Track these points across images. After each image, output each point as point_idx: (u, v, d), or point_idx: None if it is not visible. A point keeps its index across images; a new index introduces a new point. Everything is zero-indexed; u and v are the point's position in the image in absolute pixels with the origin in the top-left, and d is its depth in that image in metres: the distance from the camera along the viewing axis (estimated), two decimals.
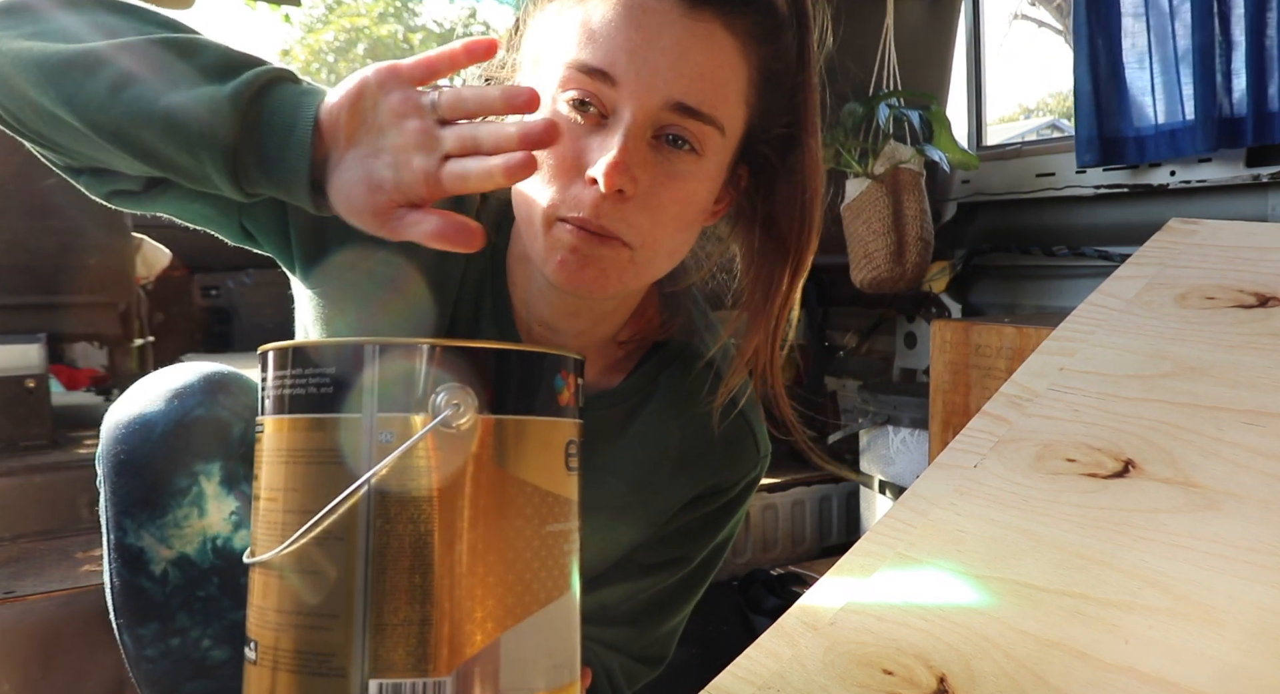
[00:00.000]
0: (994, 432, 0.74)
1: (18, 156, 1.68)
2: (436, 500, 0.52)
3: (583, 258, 0.67)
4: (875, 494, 2.05)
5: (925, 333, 2.37)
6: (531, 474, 0.55)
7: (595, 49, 0.65)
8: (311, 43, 15.07)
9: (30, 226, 1.77)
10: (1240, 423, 0.65)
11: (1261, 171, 1.76)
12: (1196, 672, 0.51)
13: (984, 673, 0.56)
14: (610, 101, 0.65)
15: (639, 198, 0.66)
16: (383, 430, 0.52)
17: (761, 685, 0.61)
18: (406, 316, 0.76)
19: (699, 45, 0.65)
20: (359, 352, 0.52)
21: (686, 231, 0.71)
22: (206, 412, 0.71)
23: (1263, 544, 0.56)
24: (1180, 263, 0.83)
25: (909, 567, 0.66)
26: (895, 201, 2.03)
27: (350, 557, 0.51)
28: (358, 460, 0.52)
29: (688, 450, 0.84)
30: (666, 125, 0.66)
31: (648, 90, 0.64)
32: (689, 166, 0.67)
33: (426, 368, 0.52)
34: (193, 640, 0.71)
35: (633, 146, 0.64)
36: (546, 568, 0.55)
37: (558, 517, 0.56)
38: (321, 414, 0.53)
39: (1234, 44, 1.74)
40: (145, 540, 0.69)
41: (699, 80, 0.65)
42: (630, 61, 0.64)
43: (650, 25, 0.64)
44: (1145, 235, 0.89)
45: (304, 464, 0.53)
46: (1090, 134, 1.94)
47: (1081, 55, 1.95)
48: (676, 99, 0.64)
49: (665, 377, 0.84)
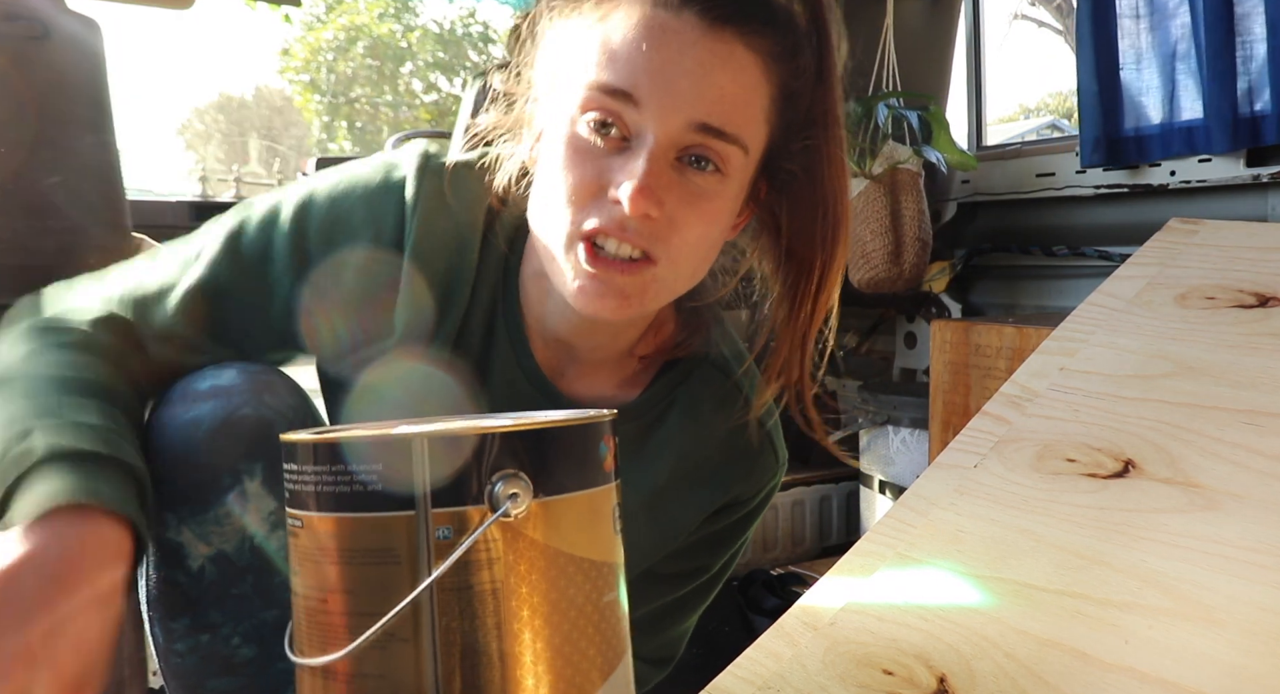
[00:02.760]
0: (994, 432, 0.74)
1: (18, 156, 1.68)
2: (500, 592, 0.51)
3: (603, 284, 0.67)
4: (875, 494, 2.05)
5: (925, 333, 2.37)
6: (585, 549, 0.54)
7: (617, 70, 0.64)
8: (311, 42, 15.08)
9: (30, 226, 1.77)
10: (1240, 423, 0.65)
11: (1261, 171, 1.76)
12: (1196, 672, 0.51)
13: (984, 673, 0.56)
14: (633, 123, 0.65)
15: (664, 219, 0.66)
16: (439, 527, 0.50)
17: (761, 685, 0.61)
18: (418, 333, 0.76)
19: (720, 65, 0.65)
20: (406, 445, 0.50)
21: (710, 249, 0.72)
22: (253, 410, 0.70)
23: (1263, 544, 0.56)
24: (1180, 263, 0.83)
25: (909, 567, 0.66)
26: (893, 202, 2.04)
27: (418, 658, 0.50)
28: (416, 559, 0.50)
29: (706, 464, 0.84)
30: (690, 146, 0.66)
31: (671, 112, 0.64)
32: (713, 187, 0.67)
33: (480, 457, 0.50)
34: (222, 637, 0.71)
35: (657, 169, 0.64)
36: (606, 638, 0.55)
37: (612, 584, 0.56)
38: (372, 513, 0.50)
39: (1249, 43, 1.74)
40: (185, 536, 0.69)
41: (721, 100, 0.65)
42: (653, 83, 0.64)
43: (672, 46, 0.64)
44: (1145, 235, 0.89)
45: (357, 565, 0.51)
46: (1095, 134, 1.94)
47: (1085, 56, 1.95)
48: (700, 120, 0.64)
49: (683, 390, 0.83)
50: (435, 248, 0.75)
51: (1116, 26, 1.93)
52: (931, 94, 2.30)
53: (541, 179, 0.70)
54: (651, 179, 0.64)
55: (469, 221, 0.76)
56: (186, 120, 21.07)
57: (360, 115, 16.47)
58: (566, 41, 0.69)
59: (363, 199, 0.76)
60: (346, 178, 0.77)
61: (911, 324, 2.44)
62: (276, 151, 19.12)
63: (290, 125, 19.86)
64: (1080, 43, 1.96)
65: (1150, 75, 1.92)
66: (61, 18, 1.77)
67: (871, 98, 2.10)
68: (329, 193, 0.76)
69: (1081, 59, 1.96)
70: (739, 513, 0.88)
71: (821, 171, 0.73)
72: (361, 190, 0.76)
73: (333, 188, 0.77)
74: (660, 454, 0.83)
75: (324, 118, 16.23)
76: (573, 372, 0.81)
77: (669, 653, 0.95)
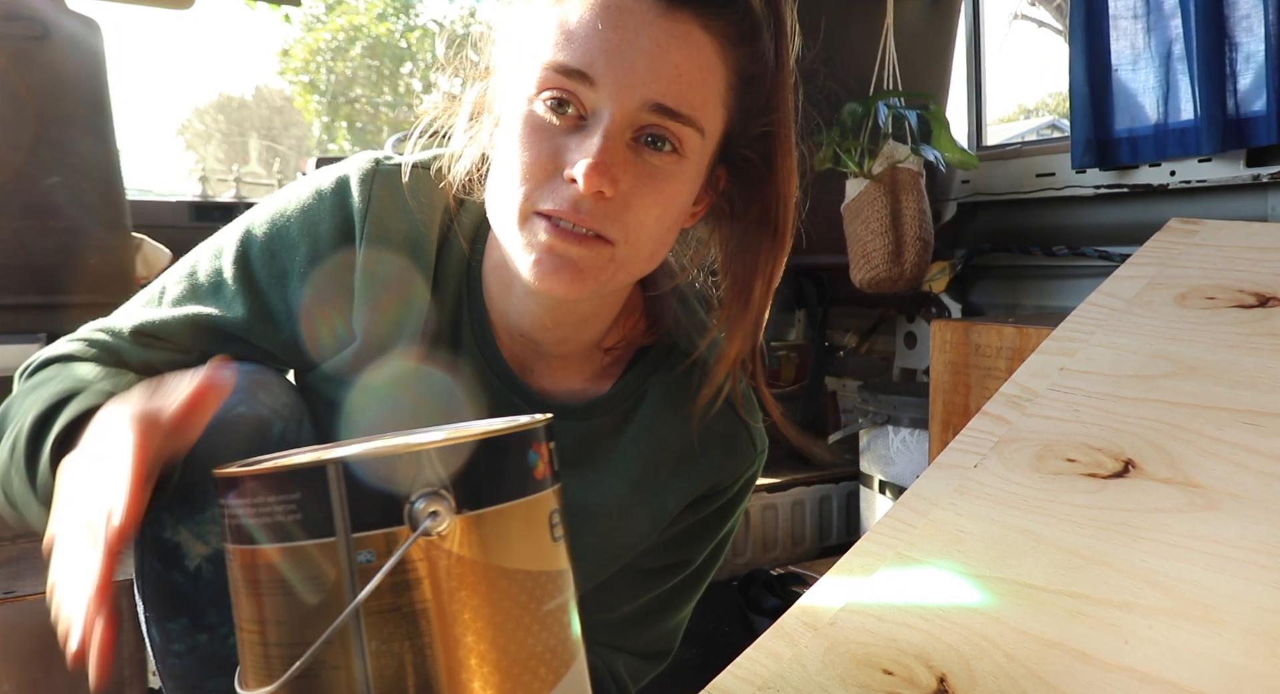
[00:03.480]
0: (994, 432, 0.74)
1: (18, 156, 1.68)
2: (430, 611, 0.50)
3: (558, 258, 0.67)
4: (875, 494, 2.05)
5: (925, 333, 2.37)
6: (520, 560, 0.53)
7: (573, 50, 0.65)
8: (311, 42, 15.08)
9: (30, 226, 1.77)
10: (1240, 423, 0.65)
11: (1261, 171, 1.76)
12: (1196, 672, 0.51)
13: (984, 673, 0.56)
14: (589, 102, 0.65)
15: (619, 198, 0.66)
16: (361, 551, 0.50)
17: (761, 685, 0.61)
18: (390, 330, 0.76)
19: (677, 46, 0.65)
20: (321, 472, 0.49)
21: (667, 232, 0.71)
22: (249, 409, 0.71)
23: (1263, 544, 0.56)
24: (1180, 263, 0.83)
25: (909, 567, 0.66)
26: (894, 201, 2.03)
27: (351, 685, 0.50)
28: (340, 586, 0.50)
29: (685, 451, 0.84)
30: (646, 126, 0.66)
31: (627, 91, 0.64)
32: (669, 167, 0.67)
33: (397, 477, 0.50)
34: (220, 637, 0.71)
35: (612, 147, 0.64)
36: (551, 647, 0.54)
37: (552, 593, 0.55)
38: (293, 543, 0.50)
39: (1240, 44, 1.75)
40: (182, 536, 0.69)
41: (677, 81, 0.65)
42: (609, 62, 0.64)
43: (628, 26, 0.64)
44: (1145, 235, 0.89)
45: (285, 595, 0.51)
46: (1087, 136, 1.95)
47: (1078, 57, 1.95)
48: (655, 100, 0.64)
49: (656, 379, 0.83)
50: (390, 251, 0.75)
51: (1109, 28, 1.94)
52: (931, 94, 2.30)
53: (498, 160, 0.70)
54: (606, 157, 0.64)
55: (424, 221, 0.76)
56: (186, 120, 21.06)
57: (360, 115, 16.47)
58: (523, 23, 0.69)
59: (298, 211, 0.76)
60: (282, 195, 0.78)
61: (911, 324, 2.44)
62: (276, 151, 19.12)
63: (290, 125, 19.87)
64: (1073, 44, 1.97)
65: (1142, 77, 1.92)
66: (61, 18, 1.77)
67: (871, 97, 2.10)
68: (267, 213, 0.77)
69: (1074, 60, 1.97)
70: (718, 502, 0.88)
71: (776, 159, 0.73)
72: (296, 203, 0.77)
73: (270, 208, 0.78)
74: (636, 445, 0.83)
75: (324, 118, 16.24)
76: (541, 367, 0.82)
77: (663, 646, 0.95)
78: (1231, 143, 1.75)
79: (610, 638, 0.91)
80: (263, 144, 19.58)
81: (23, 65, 1.70)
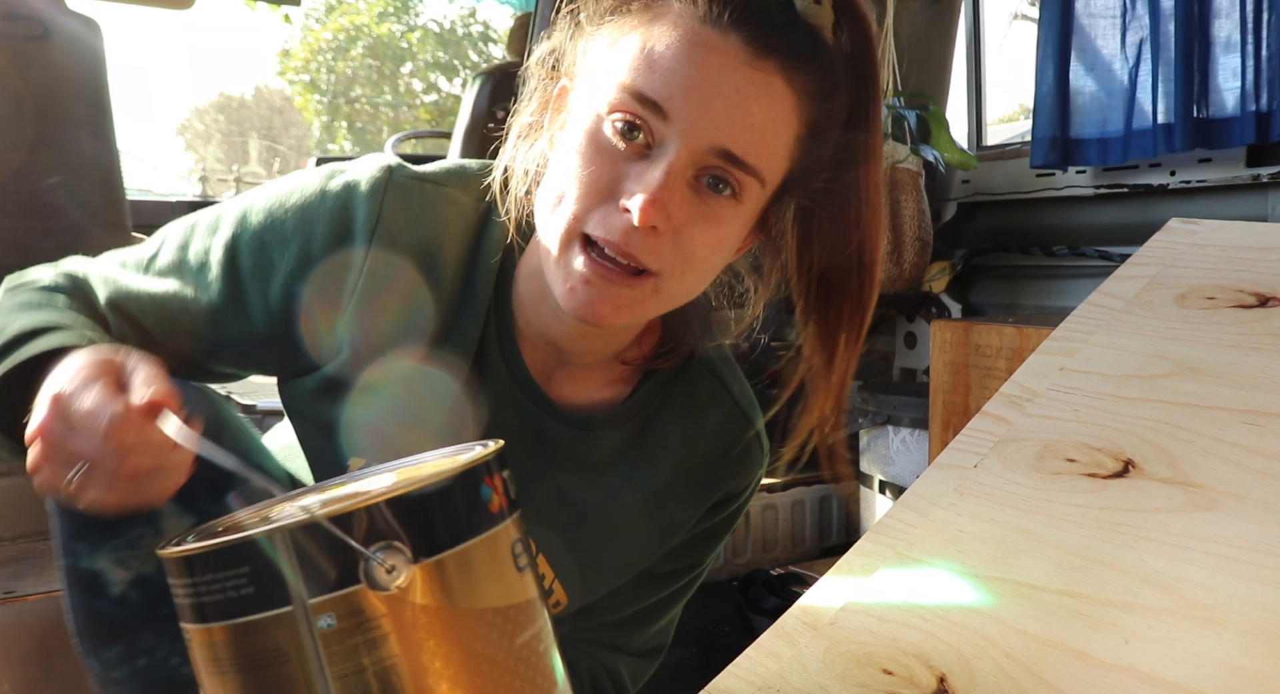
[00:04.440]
0: (994, 432, 0.74)
1: (18, 156, 1.68)
2: (400, 667, 0.49)
3: (596, 290, 0.66)
4: (875, 494, 2.05)
5: (925, 333, 2.37)
6: (487, 598, 0.52)
7: (654, 78, 0.64)
8: (311, 42, 15.08)
9: (30, 226, 1.77)
10: (1240, 423, 0.65)
11: (1261, 171, 1.76)
12: (1196, 672, 0.51)
13: (984, 673, 0.56)
14: (659, 134, 0.64)
15: (670, 232, 0.65)
16: (320, 616, 0.48)
17: (761, 685, 0.61)
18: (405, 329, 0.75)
19: (756, 94, 0.64)
20: (269, 542, 0.48)
21: (712, 271, 0.72)
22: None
23: (1263, 544, 0.56)
24: (1180, 263, 0.83)
25: (909, 567, 0.66)
26: (892, 201, 2.04)
27: None
28: (304, 654, 0.48)
29: (700, 461, 0.84)
30: (710, 167, 0.65)
31: (699, 131, 0.63)
32: (727, 211, 0.67)
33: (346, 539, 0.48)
34: (160, 659, 0.69)
35: (672, 184, 0.64)
36: (529, 678, 0.53)
37: (524, 625, 0.53)
38: (250, 617, 0.48)
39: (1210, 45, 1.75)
40: (101, 563, 0.67)
41: (750, 130, 0.64)
42: (687, 100, 0.63)
43: (712, 66, 0.63)
44: (1145, 235, 0.89)
45: (250, 670, 0.49)
46: (1050, 134, 1.96)
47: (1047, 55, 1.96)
48: (725, 145, 0.64)
49: (674, 390, 0.83)
50: (399, 262, 0.73)
51: (1073, 28, 1.95)
52: (931, 94, 2.30)
53: (555, 169, 0.69)
54: (665, 193, 0.63)
55: (440, 233, 0.74)
56: (186, 120, 21.06)
57: (360, 115, 16.46)
58: (608, 37, 0.68)
59: (297, 208, 0.74)
60: (286, 184, 0.76)
61: (911, 324, 2.44)
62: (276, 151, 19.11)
63: (290, 125, 19.85)
64: (1041, 44, 1.98)
65: (1108, 77, 1.93)
66: (61, 18, 1.77)
67: None
68: (266, 201, 0.75)
69: (1041, 59, 1.98)
70: (730, 507, 0.89)
71: (850, 212, 0.72)
72: (297, 198, 0.74)
73: (271, 195, 0.76)
74: (656, 455, 0.83)
75: (324, 118, 16.23)
76: (561, 375, 0.81)
77: (658, 642, 0.95)
78: (1201, 141, 1.77)
79: (612, 638, 0.91)
80: (263, 144, 19.57)
81: (23, 65, 1.70)
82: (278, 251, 0.73)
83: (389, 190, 0.73)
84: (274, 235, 0.73)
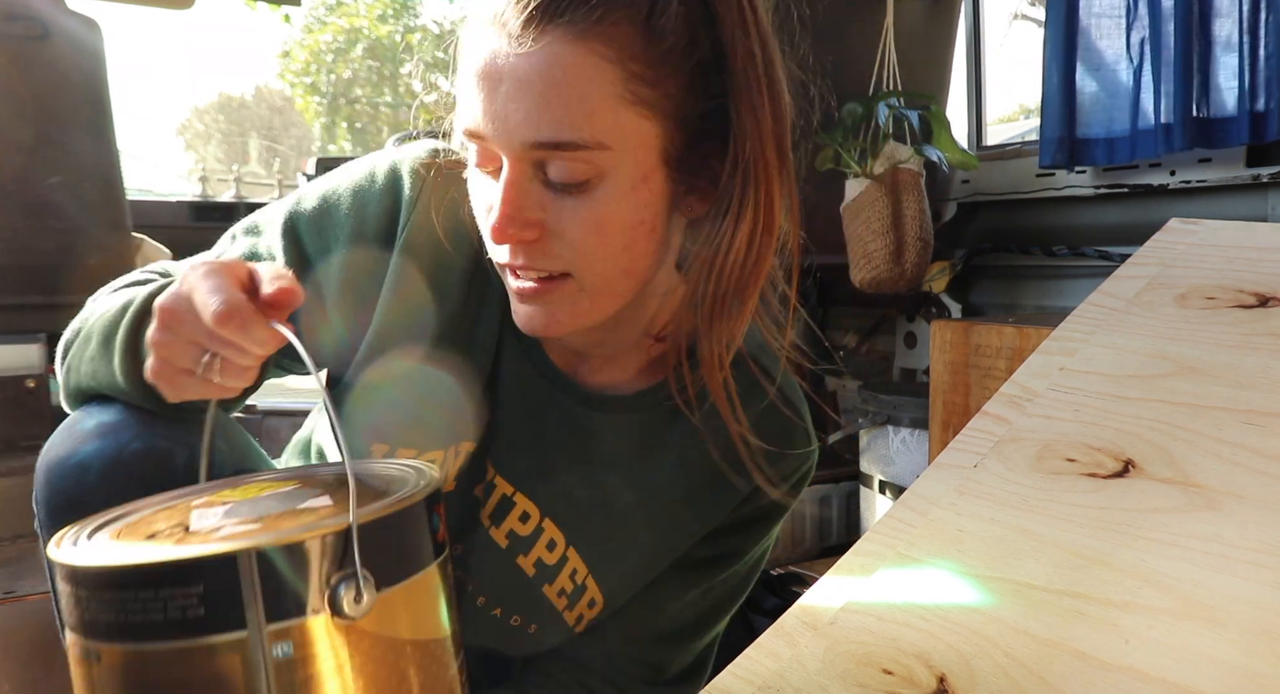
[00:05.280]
0: (994, 432, 0.74)
1: (18, 156, 1.68)
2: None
3: (530, 303, 0.68)
4: (875, 494, 2.05)
5: (925, 333, 2.37)
6: (432, 629, 0.51)
7: (466, 111, 0.65)
8: (311, 43, 15.08)
9: (30, 226, 1.77)
10: (1240, 423, 0.65)
11: (1261, 171, 1.76)
12: (1196, 672, 0.51)
13: (984, 673, 0.56)
14: (494, 153, 0.65)
15: (551, 234, 0.65)
16: (276, 643, 0.45)
17: (761, 685, 0.61)
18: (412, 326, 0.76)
19: (536, 74, 0.61)
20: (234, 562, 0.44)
21: (630, 246, 0.68)
22: (144, 444, 0.69)
23: (1263, 544, 0.56)
24: (1180, 263, 0.83)
25: (909, 567, 0.66)
26: (894, 201, 2.04)
27: None
28: (254, 683, 0.44)
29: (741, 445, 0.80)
30: (542, 161, 0.64)
31: (506, 139, 0.63)
32: (591, 191, 0.64)
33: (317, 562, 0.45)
34: None
35: (516, 195, 0.64)
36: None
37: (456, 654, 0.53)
38: (194, 640, 0.44)
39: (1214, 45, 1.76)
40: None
41: (547, 110, 0.61)
42: (485, 116, 0.63)
43: (492, 73, 0.62)
44: (1145, 235, 0.89)
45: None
46: (1057, 135, 1.96)
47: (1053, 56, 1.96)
48: (533, 139, 0.62)
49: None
50: (428, 244, 0.75)
51: (1078, 28, 1.95)
52: (932, 94, 2.30)
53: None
54: (512, 208, 0.64)
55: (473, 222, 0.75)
56: (186, 120, 21.05)
57: (360, 116, 16.47)
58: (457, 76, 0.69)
59: (350, 191, 0.76)
60: (339, 172, 0.79)
61: (911, 324, 2.44)
62: (276, 152, 19.11)
63: (290, 125, 19.86)
64: (1049, 43, 1.98)
65: (1113, 77, 1.93)
66: (61, 18, 1.77)
67: (872, 98, 2.10)
68: (320, 187, 0.78)
69: (1048, 60, 1.97)
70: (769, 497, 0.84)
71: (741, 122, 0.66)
72: (349, 182, 0.77)
73: (325, 182, 0.78)
74: (688, 438, 0.80)
75: (324, 119, 16.23)
76: (590, 363, 0.81)
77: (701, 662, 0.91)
78: (1202, 141, 1.77)
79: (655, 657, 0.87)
80: (263, 144, 19.58)
81: (23, 65, 1.70)
82: (334, 235, 0.75)
83: (434, 172, 0.75)
84: (330, 219, 0.76)
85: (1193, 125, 1.76)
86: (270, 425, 2.04)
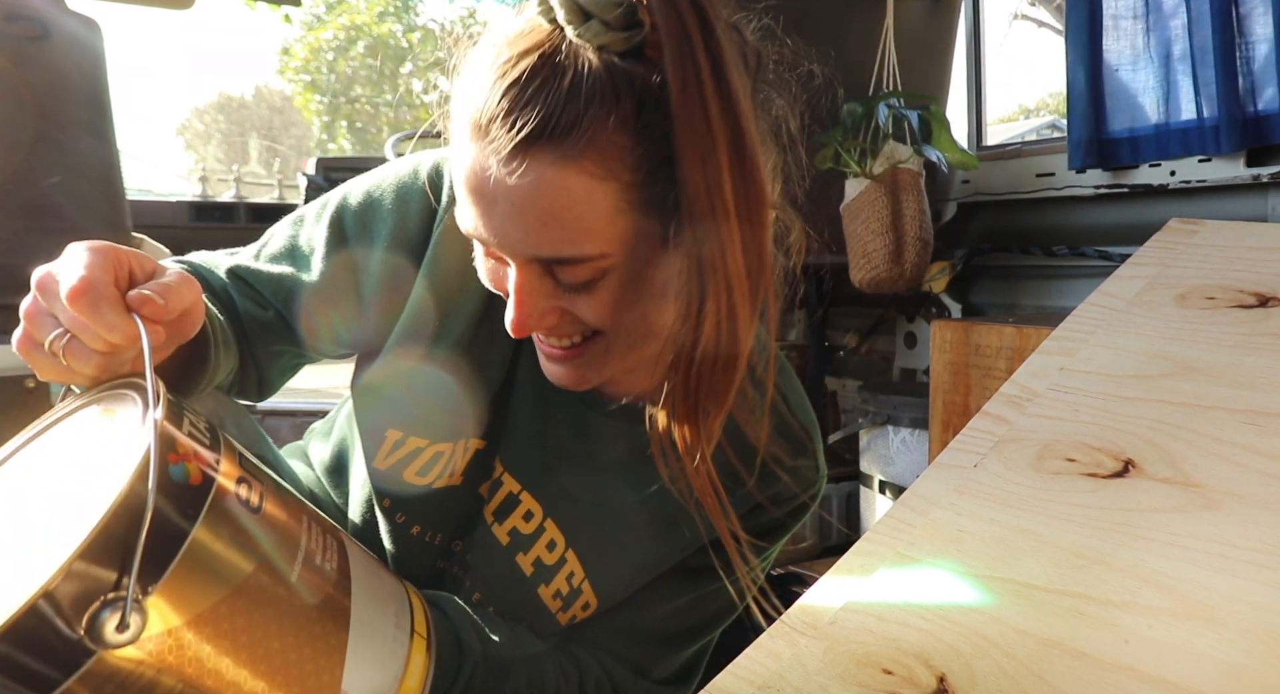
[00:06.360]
0: (994, 432, 0.74)
1: (18, 156, 1.68)
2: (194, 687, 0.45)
3: (559, 366, 0.70)
4: (875, 494, 2.05)
5: (925, 333, 2.37)
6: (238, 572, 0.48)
7: (463, 218, 0.65)
8: (311, 42, 15.07)
9: (30, 226, 1.77)
10: (1240, 423, 0.65)
11: (1261, 171, 1.76)
12: (1196, 672, 0.51)
13: (984, 673, 0.56)
14: (498, 252, 0.65)
15: (569, 314, 0.66)
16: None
17: (761, 685, 0.61)
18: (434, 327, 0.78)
19: (530, 203, 0.59)
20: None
21: (649, 315, 0.67)
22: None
23: (1263, 544, 0.56)
24: (1180, 263, 0.83)
25: (909, 567, 0.66)
26: (894, 201, 2.04)
27: None
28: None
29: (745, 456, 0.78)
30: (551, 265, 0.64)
31: (511, 252, 0.63)
32: (594, 288, 0.64)
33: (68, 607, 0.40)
34: None
35: (530, 295, 0.64)
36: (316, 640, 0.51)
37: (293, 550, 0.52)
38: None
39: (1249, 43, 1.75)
40: None
41: (545, 233, 0.60)
42: (485, 231, 0.62)
43: (484, 192, 0.61)
44: (1145, 235, 0.89)
45: None
46: (1085, 135, 1.95)
47: (1076, 57, 1.96)
48: (534, 254, 0.62)
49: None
50: (461, 244, 0.75)
51: (1102, 27, 1.94)
52: (932, 94, 2.30)
53: None
54: (524, 312, 0.64)
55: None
56: (186, 120, 21.05)
57: (360, 115, 16.46)
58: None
59: (393, 186, 0.79)
60: (384, 168, 0.81)
61: (911, 324, 2.44)
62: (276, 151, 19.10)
63: (290, 125, 19.85)
64: (1071, 44, 1.97)
65: (1142, 76, 1.93)
66: (61, 18, 1.77)
67: (872, 98, 2.10)
68: (366, 183, 0.80)
69: (1071, 60, 1.97)
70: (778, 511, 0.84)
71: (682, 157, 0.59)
72: (393, 178, 0.79)
73: (370, 178, 0.81)
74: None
75: (324, 118, 16.23)
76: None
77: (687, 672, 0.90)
78: (1238, 142, 1.76)
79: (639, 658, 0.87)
80: (263, 144, 19.57)
81: (23, 65, 1.70)
82: (376, 229, 0.77)
83: None
84: (375, 213, 0.78)
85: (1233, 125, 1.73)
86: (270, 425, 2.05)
